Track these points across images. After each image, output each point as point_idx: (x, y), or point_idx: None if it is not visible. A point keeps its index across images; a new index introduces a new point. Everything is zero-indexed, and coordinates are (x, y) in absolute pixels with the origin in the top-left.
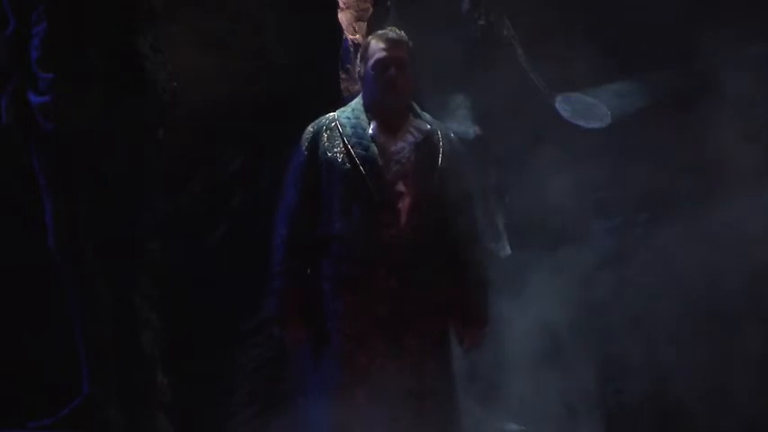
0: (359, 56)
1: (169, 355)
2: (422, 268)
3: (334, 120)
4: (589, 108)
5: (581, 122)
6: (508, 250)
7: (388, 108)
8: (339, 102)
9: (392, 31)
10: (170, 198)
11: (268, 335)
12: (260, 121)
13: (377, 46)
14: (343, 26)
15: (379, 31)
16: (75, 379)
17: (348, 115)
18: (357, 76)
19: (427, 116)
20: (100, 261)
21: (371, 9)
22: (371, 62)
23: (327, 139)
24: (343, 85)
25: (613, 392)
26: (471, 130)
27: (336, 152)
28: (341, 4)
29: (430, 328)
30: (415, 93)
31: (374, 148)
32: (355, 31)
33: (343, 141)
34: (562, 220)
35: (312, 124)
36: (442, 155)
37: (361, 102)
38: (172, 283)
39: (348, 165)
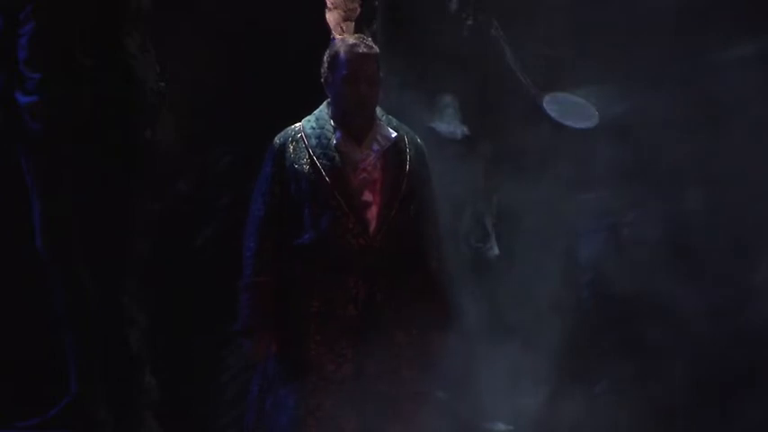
0: (326, 62)
1: (157, 356)
2: (392, 275)
3: (300, 131)
4: (577, 108)
5: (569, 122)
6: (496, 250)
7: (356, 122)
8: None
9: (362, 43)
10: (158, 198)
11: None
12: (248, 120)
13: (345, 58)
14: (331, 26)
15: (349, 41)
16: (63, 379)
17: (313, 125)
18: (323, 81)
19: (393, 121)
20: (88, 261)
21: (359, 9)
22: (340, 76)
23: (293, 150)
24: None
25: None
26: (459, 130)
27: (303, 163)
28: (329, 5)
29: (399, 335)
30: (382, 99)
31: (339, 158)
32: (343, 31)
33: (309, 153)
34: (549, 221)
35: (278, 136)
36: (409, 161)
37: (327, 110)
38: (160, 283)
39: (314, 176)
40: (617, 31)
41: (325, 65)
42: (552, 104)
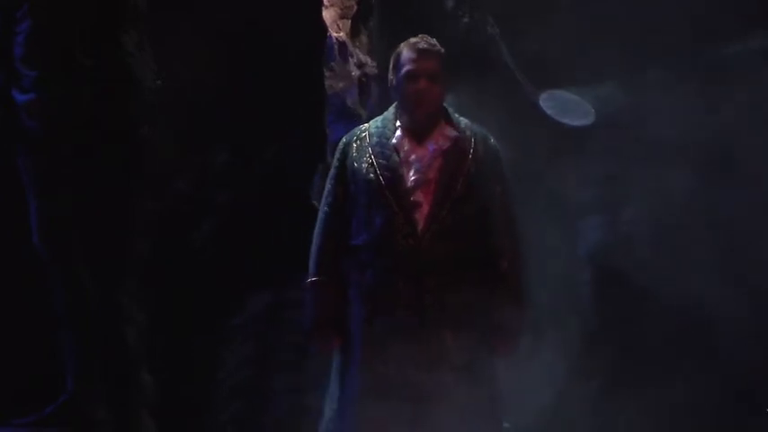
0: (391, 63)
1: (154, 353)
2: (442, 277)
3: (365, 130)
4: (574, 105)
5: (566, 120)
6: None
7: (419, 119)
8: (324, 99)
9: (423, 41)
10: (157, 197)
11: (253, 332)
12: (247, 119)
13: (407, 56)
14: (328, 24)
15: (412, 39)
16: (59, 376)
17: (378, 125)
18: (389, 84)
19: (463, 121)
20: (88, 261)
21: (356, 7)
22: (402, 73)
23: (356, 149)
24: (327, 83)
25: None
26: None
27: (362, 162)
28: (325, 2)
29: (450, 337)
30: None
31: (395, 157)
32: (339, 29)
33: (369, 151)
34: (548, 217)
35: (346, 135)
36: (472, 161)
37: (394, 110)
38: (158, 282)
39: (371, 175)
40: (614, 29)
41: (390, 66)
42: (549, 102)
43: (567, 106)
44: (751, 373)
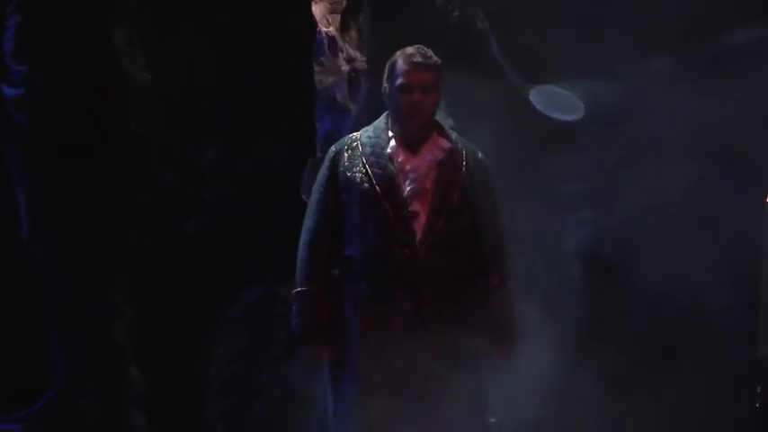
0: (385, 72)
1: (143, 348)
2: (439, 288)
3: (356, 139)
4: (563, 100)
5: (556, 115)
6: None
7: (411, 130)
8: (312, 95)
9: (419, 53)
10: (148, 192)
11: (245, 327)
12: (232, 113)
13: (401, 68)
14: (317, 18)
15: (408, 50)
16: (48, 373)
17: (370, 134)
18: (383, 92)
19: (453, 134)
20: (78, 257)
21: (345, 1)
22: (395, 84)
23: (348, 158)
24: (317, 78)
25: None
26: (445, 122)
27: (356, 172)
28: None
29: (446, 347)
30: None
31: (391, 167)
32: (329, 24)
33: (362, 161)
34: (534, 214)
35: (335, 144)
36: (465, 173)
37: (385, 120)
38: (147, 276)
39: (366, 184)
40: (607, 24)
41: (385, 75)
42: (538, 97)
43: (556, 101)
44: (750, 373)
